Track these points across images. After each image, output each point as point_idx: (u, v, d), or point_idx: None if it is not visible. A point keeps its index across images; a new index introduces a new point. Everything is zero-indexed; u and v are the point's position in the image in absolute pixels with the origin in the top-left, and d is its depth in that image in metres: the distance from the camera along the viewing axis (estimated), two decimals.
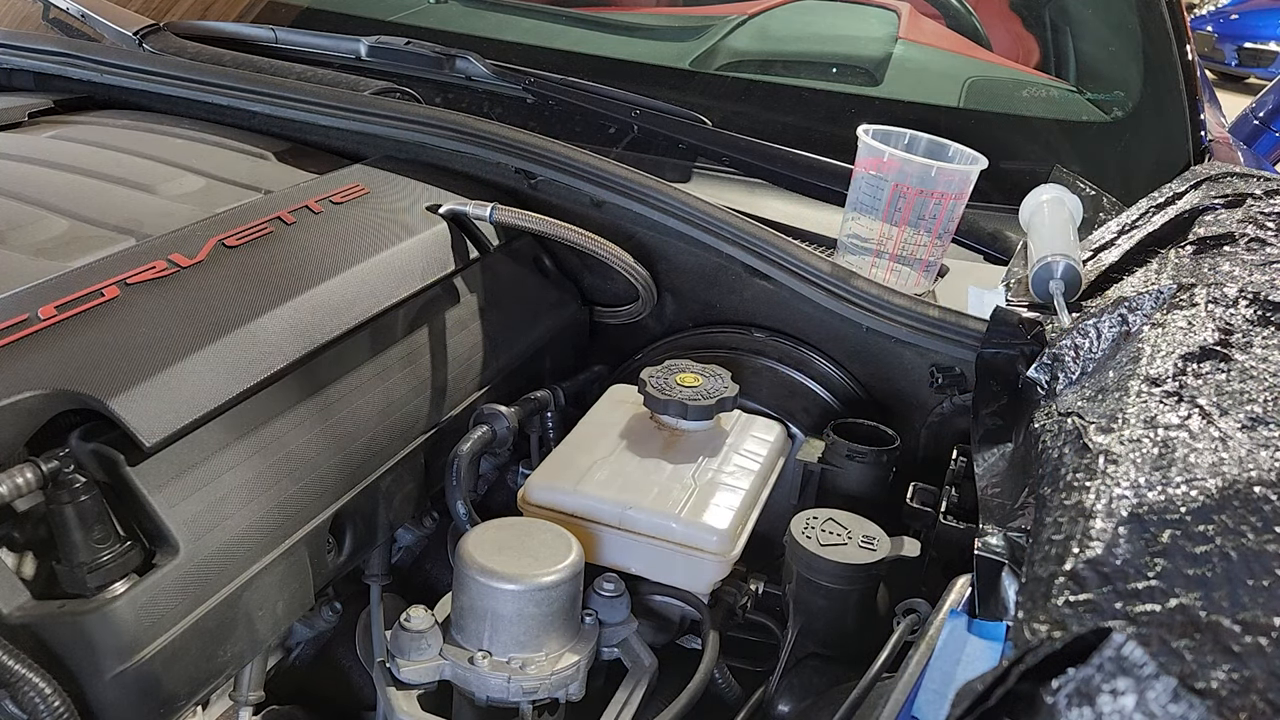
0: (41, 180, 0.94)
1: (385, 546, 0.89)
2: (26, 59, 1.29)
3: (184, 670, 0.65)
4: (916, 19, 1.56)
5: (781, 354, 1.08)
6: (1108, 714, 0.33)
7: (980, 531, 0.64)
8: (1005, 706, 0.36)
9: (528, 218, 1.02)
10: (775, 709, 0.84)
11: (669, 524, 0.84)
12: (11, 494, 0.59)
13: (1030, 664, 0.36)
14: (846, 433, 0.97)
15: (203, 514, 0.67)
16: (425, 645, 0.76)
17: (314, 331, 0.81)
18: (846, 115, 1.30)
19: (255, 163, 1.09)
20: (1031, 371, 0.77)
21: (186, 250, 0.82)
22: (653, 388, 0.94)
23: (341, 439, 0.80)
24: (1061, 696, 0.34)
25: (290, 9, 1.56)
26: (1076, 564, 0.46)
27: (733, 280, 1.11)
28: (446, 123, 1.12)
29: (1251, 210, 0.87)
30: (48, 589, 0.63)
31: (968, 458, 0.83)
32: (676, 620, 0.90)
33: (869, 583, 0.84)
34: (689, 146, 1.19)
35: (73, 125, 1.15)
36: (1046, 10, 1.59)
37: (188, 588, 0.65)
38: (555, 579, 0.74)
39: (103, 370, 0.66)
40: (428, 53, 1.27)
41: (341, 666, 0.98)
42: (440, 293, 0.97)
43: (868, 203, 0.99)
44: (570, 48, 1.43)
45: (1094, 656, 0.35)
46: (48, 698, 0.57)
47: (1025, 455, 0.69)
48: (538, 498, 0.87)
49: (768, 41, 1.51)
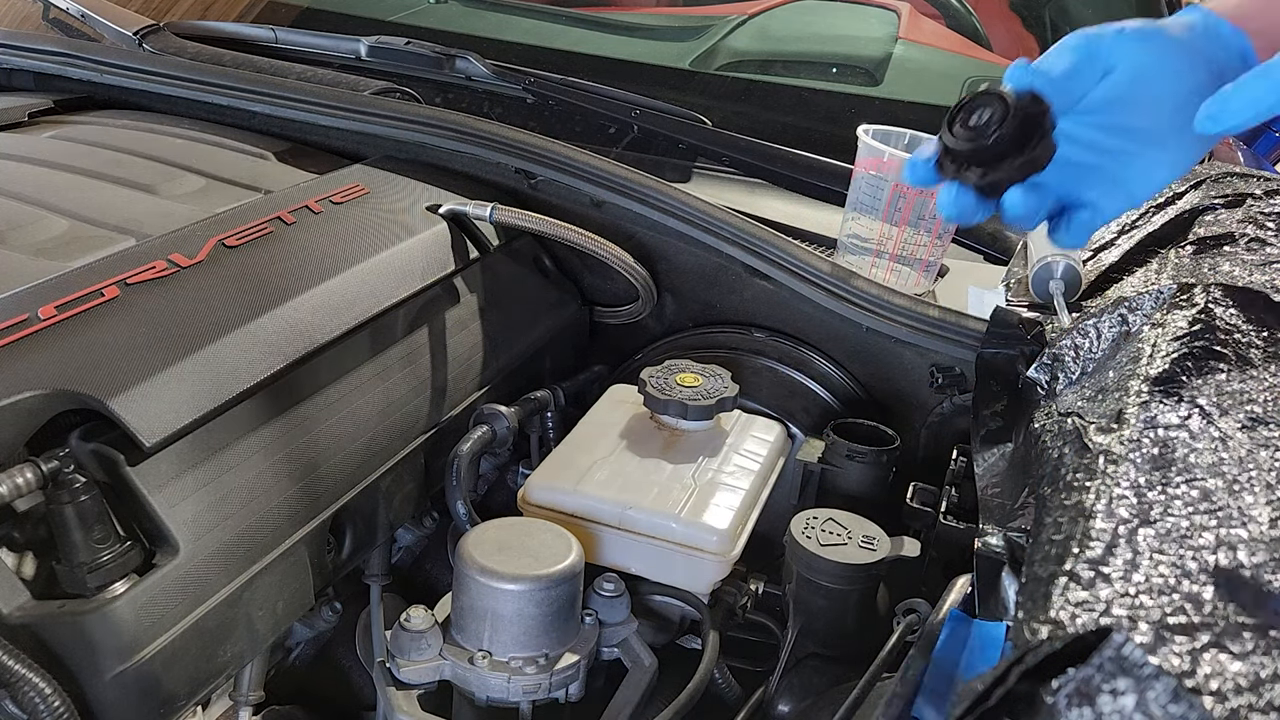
0: (41, 180, 0.94)
1: (385, 546, 0.89)
2: (26, 59, 1.29)
3: (184, 670, 0.65)
4: (916, 19, 1.56)
5: (781, 354, 1.08)
6: (1108, 714, 0.34)
7: (980, 531, 0.64)
8: (1005, 706, 0.36)
9: (528, 218, 1.02)
10: (775, 709, 0.84)
11: (669, 524, 0.84)
12: (11, 494, 0.59)
13: (1030, 664, 0.36)
14: (846, 433, 0.97)
15: (203, 514, 0.67)
16: (425, 645, 0.76)
17: (314, 331, 0.81)
18: (846, 115, 1.30)
19: (255, 163, 1.09)
20: (1031, 371, 0.77)
21: (186, 250, 0.82)
22: (653, 388, 0.94)
23: (341, 439, 0.80)
24: (1061, 696, 0.34)
25: (290, 9, 1.56)
26: (1076, 564, 0.46)
27: (733, 280, 1.11)
28: (446, 123, 1.12)
29: (1251, 210, 0.87)
30: (48, 589, 0.63)
31: (968, 458, 0.83)
32: (676, 620, 0.90)
33: (869, 583, 0.84)
34: (689, 146, 1.19)
35: (73, 125, 1.15)
36: (1046, 10, 1.59)
37: (188, 588, 0.65)
38: (555, 579, 0.74)
39: (103, 370, 0.66)
40: (428, 53, 1.27)
41: (341, 666, 0.98)
42: (440, 293, 0.97)
43: (868, 203, 0.98)
44: (570, 48, 1.43)
45: (1094, 656, 0.35)
46: (48, 698, 0.57)
47: (1025, 455, 0.69)
48: (538, 498, 0.87)
49: (768, 41, 1.51)
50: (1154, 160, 0.69)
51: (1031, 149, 0.64)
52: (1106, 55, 0.66)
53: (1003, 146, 0.63)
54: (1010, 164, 0.64)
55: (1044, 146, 0.64)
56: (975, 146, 0.64)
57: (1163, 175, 0.70)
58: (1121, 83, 0.67)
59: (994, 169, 0.64)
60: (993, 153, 0.64)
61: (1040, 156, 0.64)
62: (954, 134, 0.64)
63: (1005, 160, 0.64)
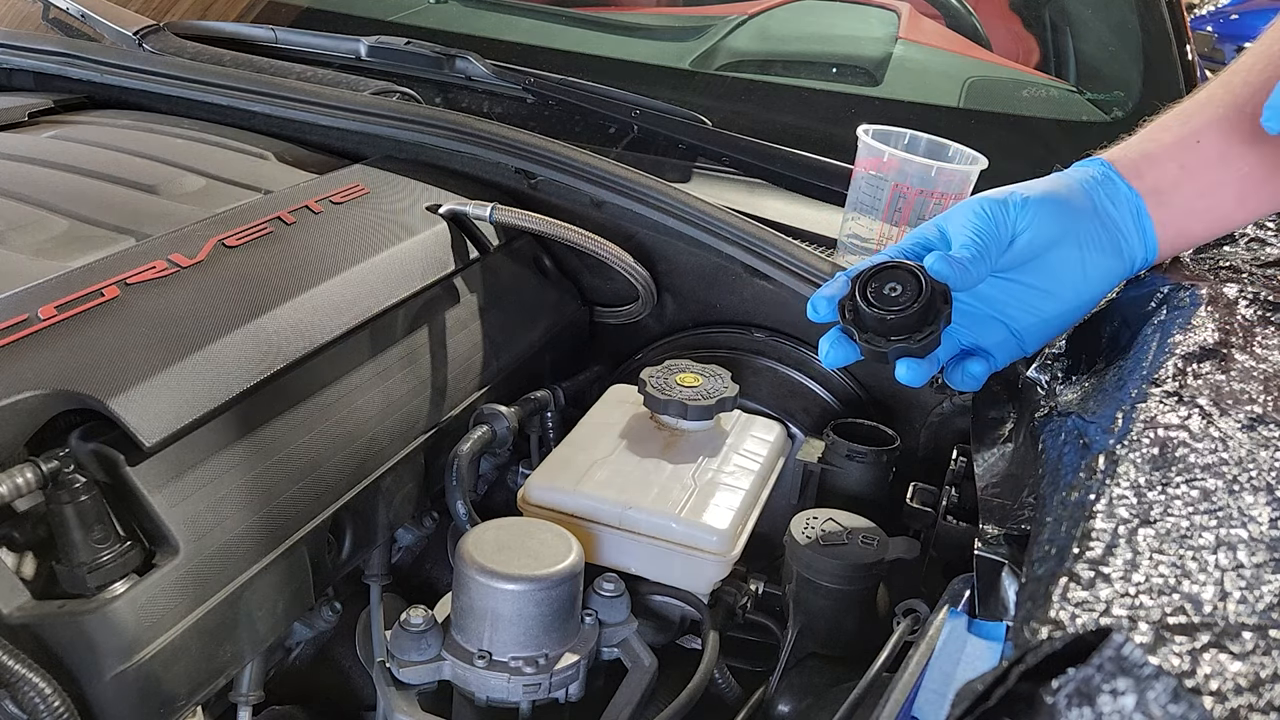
0: (41, 180, 0.94)
1: (385, 546, 0.89)
2: (26, 59, 1.29)
3: (184, 670, 0.65)
4: (916, 19, 1.56)
5: (781, 354, 1.08)
6: (1108, 714, 0.34)
7: (980, 531, 0.64)
8: (1005, 706, 0.36)
9: (528, 218, 1.02)
10: (775, 709, 0.84)
11: (669, 524, 0.84)
12: (11, 494, 0.59)
13: (1030, 664, 0.36)
14: (846, 433, 0.97)
15: (203, 514, 0.67)
16: (425, 645, 0.76)
17: (314, 331, 0.81)
18: (846, 115, 1.29)
19: (255, 163, 1.09)
20: (1031, 371, 0.77)
21: (186, 250, 0.82)
22: (653, 388, 0.94)
23: (341, 439, 0.80)
24: (1061, 696, 0.34)
25: (290, 9, 1.56)
26: (1076, 564, 0.46)
27: (733, 280, 1.10)
28: (446, 123, 1.12)
29: None
30: (48, 589, 0.63)
31: (968, 458, 0.83)
32: (676, 620, 0.90)
33: (869, 583, 0.84)
34: (689, 146, 1.19)
35: (73, 125, 1.15)
36: (1046, 10, 1.59)
37: (188, 588, 0.65)
38: (555, 579, 0.74)
39: (103, 370, 0.66)
40: (428, 53, 1.27)
41: (341, 666, 0.98)
42: (440, 293, 0.97)
43: (868, 203, 0.98)
44: (570, 48, 1.42)
45: (1094, 656, 0.35)
46: (48, 698, 0.57)
47: (1025, 455, 0.69)
48: (538, 498, 0.87)
49: (768, 41, 1.51)
50: (1049, 313, 0.75)
51: (930, 327, 0.69)
52: (1013, 225, 0.72)
53: (906, 321, 0.69)
54: (911, 338, 0.69)
55: (940, 326, 0.70)
56: (879, 315, 0.69)
57: (1056, 326, 0.76)
58: (1025, 248, 0.72)
59: (887, 341, 0.70)
60: (892, 325, 0.69)
61: (936, 337, 0.70)
62: (867, 298, 0.70)
63: (904, 332, 0.70)
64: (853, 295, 0.71)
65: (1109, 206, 0.74)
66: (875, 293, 0.70)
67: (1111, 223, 0.74)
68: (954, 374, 0.76)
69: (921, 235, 0.75)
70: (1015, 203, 0.72)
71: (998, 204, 0.72)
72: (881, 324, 0.70)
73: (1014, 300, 0.75)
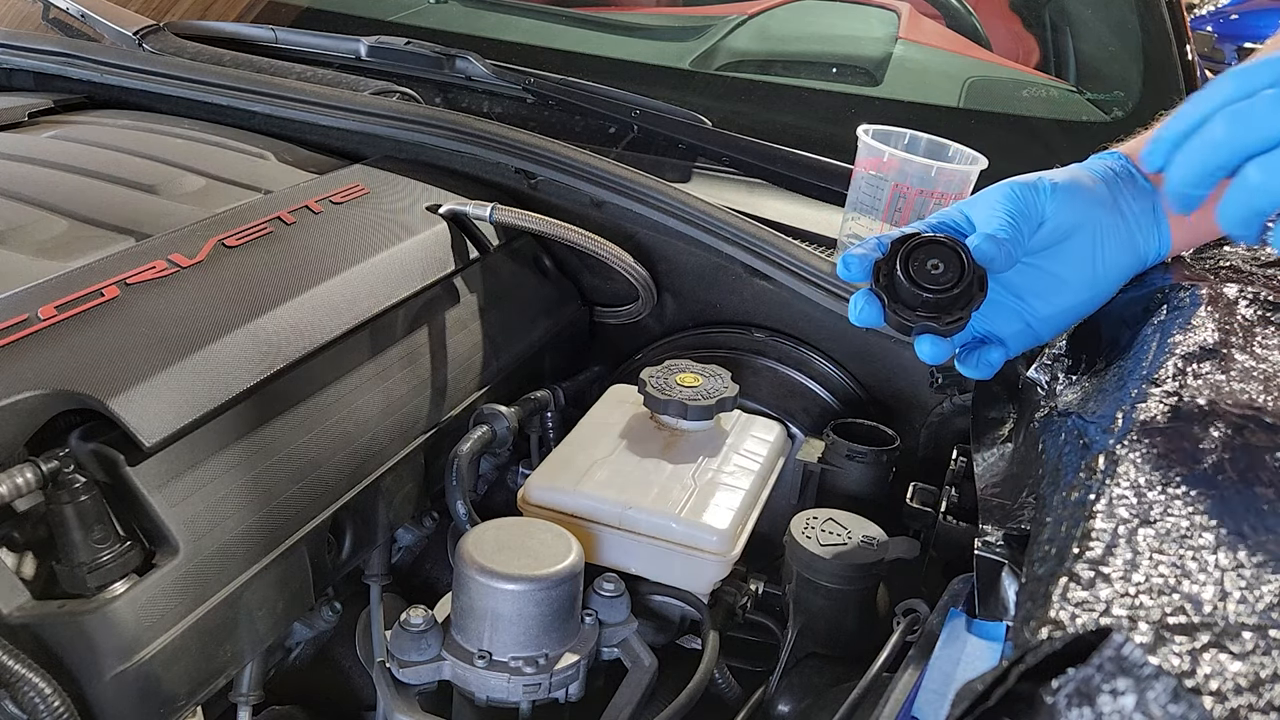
0: (41, 180, 0.94)
1: (385, 546, 0.89)
2: (26, 59, 1.29)
3: (184, 670, 0.65)
4: (916, 19, 1.56)
5: (781, 354, 1.08)
6: (1108, 714, 0.33)
7: (980, 531, 0.64)
8: (1005, 706, 0.36)
9: (528, 218, 1.02)
10: (775, 709, 0.84)
11: (669, 524, 0.84)
12: (11, 494, 0.59)
13: (1030, 664, 0.36)
14: (846, 433, 0.97)
15: (203, 514, 0.67)
16: (425, 645, 0.76)
17: (314, 331, 0.81)
18: (846, 115, 1.30)
19: (255, 163, 1.09)
20: (1031, 372, 0.77)
21: (186, 250, 0.82)
22: (653, 388, 0.94)
23: (341, 439, 0.80)
24: (1061, 696, 0.34)
25: (290, 9, 1.56)
26: (1076, 564, 0.46)
27: (733, 280, 1.11)
28: (446, 123, 1.12)
29: None
30: (48, 589, 0.63)
31: (968, 458, 0.83)
32: (676, 620, 0.90)
33: (869, 583, 0.84)
34: (689, 146, 1.19)
35: (73, 125, 1.15)
36: (1046, 10, 1.59)
37: (188, 588, 0.65)
38: (555, 579, 0.74)
39: (103, 370, 0.66)
40: (428, 53, 1.27)
41: (341, 666, 0.98)
42: (440, 293, 0.97)
43: (867, 203, 0.98)
44: (570, 48, 1.43)
45: (1094, 656, 0.35)
46: (48, 698, 0.57)
47: (1025, 455, 0.69)
48: (538, 498, 0.87)
49: (768, 41, 1.51)
50: (1064, 303, 0.74)
51: (962, 312, 0.67)
52: (1043, 208, 0.71)
53: (942, 302, 0.67)
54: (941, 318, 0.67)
55: (970, 311, 0.68)
56: (915, 291, 0.67)
57: (1070, 317, 0.76)
58: (1049, 235, 0.72)
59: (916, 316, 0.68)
60: (926, 303, 0.67)
61: (965, 322, 0.68)
62: (910, 272, 0.67)
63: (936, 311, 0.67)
64: (891, 263, 0.67)
65: (1128, 200, 0.73)
66: (917, 266, 0.66)
67: (1129, 216, 0.73)
68: (969, 360, 0.75)
69: (948, 217, 0.72)
70: (1044, 187, 0.71)
71: (1028, 187, 0.71)
72: (915, 299, 0.67)
73: (1032, 287, 0.74)
